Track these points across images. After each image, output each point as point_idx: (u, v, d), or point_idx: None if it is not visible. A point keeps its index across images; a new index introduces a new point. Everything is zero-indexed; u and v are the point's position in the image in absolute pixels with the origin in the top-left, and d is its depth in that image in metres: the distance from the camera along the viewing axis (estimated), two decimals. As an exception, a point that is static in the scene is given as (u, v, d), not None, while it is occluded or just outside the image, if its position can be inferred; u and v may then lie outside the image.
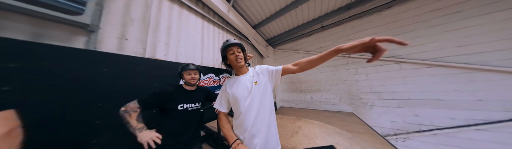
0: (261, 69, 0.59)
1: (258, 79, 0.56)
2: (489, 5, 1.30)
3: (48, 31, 0.68)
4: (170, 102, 0.69)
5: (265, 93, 0.54)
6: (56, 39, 0.70)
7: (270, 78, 0.56)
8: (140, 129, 0.59)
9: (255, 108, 0.52)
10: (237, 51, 0.54)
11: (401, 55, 1.72)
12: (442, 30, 1.50)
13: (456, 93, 1.39)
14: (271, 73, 0.56)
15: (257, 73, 0.58)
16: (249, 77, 0.57)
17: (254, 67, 0.61)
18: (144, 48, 1.12)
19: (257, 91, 0.53)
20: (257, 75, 0.57)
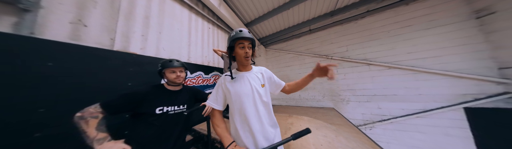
0: (267, 73, 0.58)
1: (265, 82, 0.55)
2: (430, 22, 1.71)
3: None
4: (145, 105, 0.57)
5: (268, 97, 0.53)
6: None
7: (270, 86, 0.57)
8: (101, 140, 0.45)
9: (258, 108, 0.50)
10: (248, 47, 0.49)
11: (370, 59, 2.06)
12: (399, 39, 1.88)
13: (406, 89, 1.79)
14: (273, 83, 0.59)
15: (262, 74, 0.57)
16: (254, 76, 0.55)
17: (260, 68, 0.60)
18: (111, 39, 0.92)
19: (263, 93, 0.52)
20: (263, 77, 0.56)
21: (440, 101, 1.59)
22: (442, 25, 1.64)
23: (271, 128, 0.51)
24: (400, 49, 1.86)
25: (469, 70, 1.50)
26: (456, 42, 1.56)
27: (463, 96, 1.50)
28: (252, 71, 0.56)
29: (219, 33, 2.26)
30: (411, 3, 1.82)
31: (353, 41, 2.23)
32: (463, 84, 1.50)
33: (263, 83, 0.54)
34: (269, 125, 0.51)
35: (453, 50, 1.56)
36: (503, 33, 1.33)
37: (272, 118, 0.53)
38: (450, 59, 1.57)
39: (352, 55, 2.22)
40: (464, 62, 1.51)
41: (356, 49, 2.18)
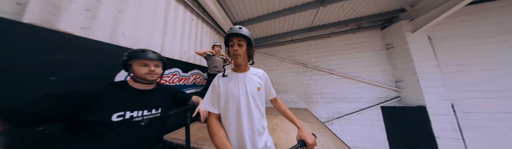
0: (265, 77, 0.55)
1: (261, 85, 0.51)
2: (364, 48, 2.53)
3: None
4: (94, 110, 0.38)
5: (262, 102, 0.50)
6: None
7: (264, 89, 0.55)
8: None
9: (251, 112, 0.46)
10: (238, 44, 0.43)
11: (333, 69, 2.67)
12: (349, 57, 2.60)
13: (352, 93, 2.45)
14: (266, 89, 0.56)
15: (260, 77, 0.52)
16: (250, 77, 0.50)
17: (258, 71, 0.55)
18: (18, 3, 0.55)
19: (258, 97, 0.48)
20: (260, 80, 0.52)
21: (370, 102, 2.32)
22: (370, 50, 2.48)
23: (263, 135, 0.47)
24: (349, 64, 2.57)
25: (382, 81, 2.32)
26: (375, 63, 2.41)
27: (380, 98, 2.28)
28: (248, 72, 0.51)
29: (204, 27, 2.03)
30: (357, 32, 2.62)
31: (322, 54, 2.80)
32: (380, 91, 2.30)
33: (259, 87, 0.49)
34: (260, 132, 0.47)
35: (374, 68, 2.40)
36: (396, 60, 2.21)
37: (263, 124, 0.49)
38: (374, 74, 2.38)
39: (321, 65, 2.76)
40: (380, 76, 2.35)
41: (324, 60, 2.76)
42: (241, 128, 0.44)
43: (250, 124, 0.45)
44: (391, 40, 2.24)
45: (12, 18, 0.51)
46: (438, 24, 1.85)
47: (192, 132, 1.07)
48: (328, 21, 2.54)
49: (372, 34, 2.49)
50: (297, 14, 2.23)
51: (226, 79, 0.50)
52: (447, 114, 1.75)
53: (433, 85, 1.82)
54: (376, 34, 2.46)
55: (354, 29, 2.59)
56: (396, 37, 2.13)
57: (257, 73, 0.52)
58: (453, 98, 1.79)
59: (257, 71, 0.54)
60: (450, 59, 1.85)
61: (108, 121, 0.39)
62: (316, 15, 2.26)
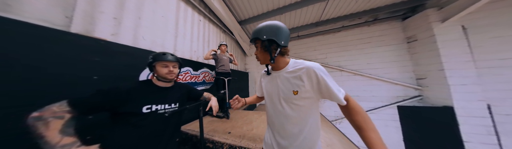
0: (313, 75, 0.36)
1: (299, 88, 0.38)
2: (380, 42, 2.29)
3: None
4: (129, 104, 0.47)
5: (300, 110, 0.39)
6: None
7: (318, 93, 0.38)
8: (67, 146, 0.34)
9: (281, 120, 0.42)
10: (256, 47, 0.43)
11: (343, 66, 2.52)
12: (362, 52, 2.40)
13: (364, 92, 2.30)
14: (319, 91, 0.37)
15: (299, 76, 0.38)
16: (284, 78, 0.42)
17: (301, 65, 0.39)
18: (67, 17, 0.68)
19: (295, 101, 0.39)
20: (300, 79, 0.38)
21: (384, 101, 2.15)
22: (387, 45, 2.24)
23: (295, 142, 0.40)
24: (362, 60, 2.38)
25: (400, 79, 2.11)
26: (393, 58, 2.18)
27: (396, 97, 2.10)
28: (282, 71, 0.42)
29: (211, 27, 2.11)
30: (372, 25, 2.38)
31: (331, 50, 2.65)
32: (396, 89, 2.11)
33: (296, 90, 0.38)
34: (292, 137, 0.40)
35: (391, 64, 2.17)
36: (419, 55, 1.97)
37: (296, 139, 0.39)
38: (391, 70, 2.17)
39: (330, 61, 2.62)
40: (397, 73, 2.13)
41: (333, 57, 2.61)
42: (271, 130, 0.46)
43: (280, 132, 0.43)
44: (414, 32, 1.98)
45: (63, 29, 0.65)
46: (476, 11, 1.54)
47: (204, 125, 1.19)
48: (338, 14, 2.34)
49: (390, 26, 2.24)
50: (304, 8, 2.11)
51: (267, 79, 0.48)
52: (481, 116, 1.53)
53: (464, 83, 1.58)
54: (395, 26, 2.20)
55: (369, 22, 2.36)
56: (421, 29, 1.87)
57: (297, 71, 0.39)
58: (490, 98, 1.53)
59: (299, 67, 0.39)
60: (489, 53, 1.56)
61: (139, 112, 0.48)
62: (325, 8, 2.12)
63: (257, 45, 0.42)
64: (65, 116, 0.37)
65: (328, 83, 0.36)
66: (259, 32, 0.40)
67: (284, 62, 0.43)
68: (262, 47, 0.41)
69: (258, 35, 0.40)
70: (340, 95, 0.35)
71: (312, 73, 0.37)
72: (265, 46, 0.40)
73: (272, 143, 0.44)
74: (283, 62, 0.43)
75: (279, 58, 0.43)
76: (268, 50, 0.40)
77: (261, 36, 0.39)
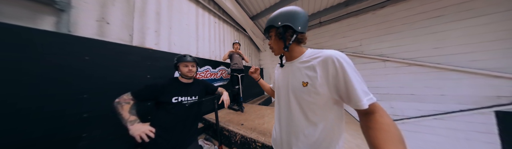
0: (330, 66, 0.29)
1: (311, 80, 0.32)
2: (465, 12, 1.45)
3: (2, 7, 0.54)
4: (163, 95, 0.65)
5: (313, 104, 0.33)
6: (15, 18, 0.57)
7: (333, 89, 0.30)
8: (132, 121, 0.55)
9: (292, 114, 0.37)
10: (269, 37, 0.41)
11: (387, 54, 1.88)
12: (425, 33, 1.65)
13: (425, 89, 1.63)
14: (335, 88, 0.29)
15: (313, 67, 0.32)
16: (296, 67, 0.36)
17: (317, 54, 0.33)
18: (130, 35, 0.99)
19: (303, 95, 0.33)
20: (313, 70, 0.32)
21: (466, 103, 1.43)
22: (481, 15, 1.38)
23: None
24: (424, 44, 1.65)
25: (507, 68, 1.28)
26: (495, 35, 1.31)
27: (496, 98, 1.32)
28: (296, 61, 0.37)
29: (225, 27, 2.25)
30: (447, -12, 1.54)
31: (368, 34, 2.03)
32: (498, 85, 1.31)
33: (307, 81, 0.32)
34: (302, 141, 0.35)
35: (491, 45, 1.33)
36: None
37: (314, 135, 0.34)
38: (486, 56, 1.35)
39: (366, 50, 2.04)
40: (504, 59, 1.29)
41: (371, 43, 2.00)
42: (279, 126, 0.41)
43: (288, 128, 0.38)
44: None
45: (128, 43, 0.96)
46: None
47: (221, 116, 1.41)
48: (380, -17, 1.72)
49: (491, -18, 1.35)
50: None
51: (279, 70, 0.46)
52: None
53: None
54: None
55: (442, -17, 1.53)
56: None
57: (311, 61, 0.33)
58: None
59: (315, 55, 0.33)
60: None
61: (170, 101, 0.65)
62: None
63: (271, 34, 0.39)
64: (130, 102, 0.58)
65: (350, 76, 0.27)
66: (274, 19, 0.37)
67: (299, 51, 0.38)
68: (277, 34, 0.37)
69: (272, 22, 0.37)
70: (361, 95, 0.26)
71: (330, 63, 0.29)
72: (279, 33, 0.36)
73: (280, 140, 0.41)
74: (298, 51, 0.38)
75: (294, 46, 0.38)
76: (282, 38, 0.36)
77: (275, 23, 0.36)
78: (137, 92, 0.61)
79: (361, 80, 0.28)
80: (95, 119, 0.68)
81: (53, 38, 0.60)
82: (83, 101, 0.66)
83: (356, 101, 0.26)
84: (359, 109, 0.28)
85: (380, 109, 0.27)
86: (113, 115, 0.55)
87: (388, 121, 0.25)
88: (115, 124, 0.59)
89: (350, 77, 0.27)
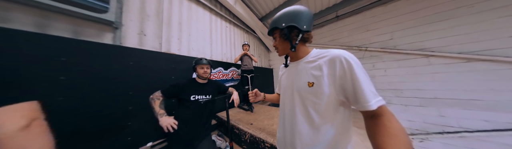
0: (337, 65, 0.28)
1: (317, 80, 0.31)
2: None
3: (82, 29, 0.78)
4: (184, 93, 0.77)
5: (320, 105, 0.31)
6: (89, 36, 0.81)
7: (340, 89, 0.29)
8: (161, 114, 0.69)
9: (295, 117, 0.35)
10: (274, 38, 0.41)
11: (432, 48, 1.48)
12: (493, 17, 1.21)
13: (496, 93, 1.19)
14: (341, 88, 0.28)
15: (319, 66, 0.31)
16: (302, 67, 0.36)
17: (324, 54, 0.32)
18: (160, 43, 1.21)
19: (308, 96, 0.32)
20: (319, 69, 0.31)
21: None
22: None
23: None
24: (493, 32, 1.21)
25: None
26: None
27: None
28: (301, 61, 0.37)
29: (235, 30, 2.37)
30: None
31: (402, 25, 1.66)
32: None
33: (312, 81, 0.32)
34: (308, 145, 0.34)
35: None
36: None
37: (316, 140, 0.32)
38: None
39: (399, 44, 1.68)
40: None
41: (407, 35, 1.62)
42: (283, 126, 0.40)
43: (292, 129, 0.36)
44: None
45: (158, 50, 1.18)
46: None
47: (232, 114, 1.49)
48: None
49: None
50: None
51: (283, 71, 0.46)
52: None
53: None
54: None
55: None
56: None
57: (317, 60, 0.32)
58: None
59: (321, 55, 0.32)
60: None
61: (189, 99, 0.77)
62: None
63: (275, 36, 0.39)
64: (160, 98, 0.72)
65: (358, 76, 0.26)
66: (277, 21, 0.37)
67: (305, 51, 0.38)
68: (282, 36, 0.37)
69: (276, 24, 0.37)
70: (370, 96, 0.25)
71: (337, 62, 0.28)
72: (284, 34, 0.36)
73: (284, 140, 0.40)
74: (303, 51, 0.38)
75: (300, 46, 0.38)
76: (288, 38, 0.36)
77: (279, 25, 0.36)
78: (165, 90, 0.75)
79: (369, 81, 0.27)
80: (137, 111, 0.87)
81: (112, 49, 0.82)
82: (129, 96, 0.86)
83: (363, 102, 0.26)
84: (365, 112, 0.27)
85: (388, 112, 0.26)
86: (148, 108, 0.71)
87: (396, 126, 0.23)
88: (150, 115, 0.74)
89: (358, 78, 0.26)
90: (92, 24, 0.82)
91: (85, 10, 0.72)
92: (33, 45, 0.57)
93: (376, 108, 0.25)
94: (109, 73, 0.79)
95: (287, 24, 0.35)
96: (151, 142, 0.91)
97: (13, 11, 0.60)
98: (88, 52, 0.72)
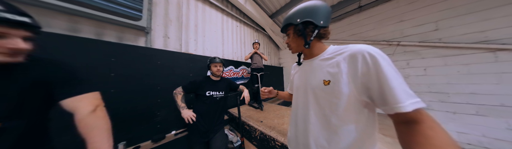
0: (355, 58, 0.26)
1: (333, 77, 0.28)
2: None
3: (124, 34, 0.97)
4: (200, 89, 0.86)
5: (335, 105, 0.28)
6: (129, 40, 1.00)
7: (361, 88, 0.25)
8: (183, 107, 0.80)
9: (310, 119, 0.33)
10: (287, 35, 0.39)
11: (501, 40, 1.11)
12: None
13: None
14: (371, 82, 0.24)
15: (337, 63, 0.28)
16: (317, 65, 0.33)
17: (343, 50, 0.29)
18: (180, 45, 1.36)
19: (323, 95, 0.30)
20: (336, 66, 0.28)
21: None
22: None
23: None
24: None
25: None
26: None
27: None
28: (316, 58, 0.35)
29: (246, 29, 2.41)
30: None
31: (452, 11, 1.29)
32: None
33: (328, 79, 0.29)
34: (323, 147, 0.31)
35: None
36: None
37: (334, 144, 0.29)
38: None
39: (448, 36, 1.33)
40: None
41: (460, 25, 1.26)
42: (295, 127, 0.38)
43: (306, 130, 0.34)
44: None
45: (179, 51, 1.33)
46: None
47: (242, 111, 1.56)
48: None
49: None
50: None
51: (296, 69, 0.44)
52: None
53: None
54: None
55: None
56: None
57: (335, 57, 0.30)
58: None
59: (339, 51, 0.30)
60: None
61: (205, 94, 0.85)
62: None
63: (288, 32, 0.37)
64: (182, 93, 0.83)
65: (386, 73, 0.22)
66: (292, 17, 0.35)
67: (320, 48, 0.35)
68: (295, 32, 0.35)
69: (290, 20, 0.35)
70: (402, 96, 0.20)
71: (359, 58, 0.25)
72: (299, 30, 0.34)
73: (296, 141, 0.38)
74: (319, 47, 0.35)
75: (315, 42, 0.35)
76: (302, 34, 0.34)
77: (294, 20, 0.34)
78: (185, 86, 0.85)
79: (401, 79, 0.22)
80: (164, 103, 1.03)
81: (145, 51, 0.98)
82: (158, 91, 1.02)
83: (393, 103, 0.21)
84: (396, 116, 0.22)
85: (429, 118, 0.20)
86: (173, 101, 0.84)
87: (442, 136, 0.18)
88: (174, 107, 0.88)
89: (386, 74, 0.22)
90: (131, 30, 1.00)
91: (126, 19, 0.89)
92: (94, 49, 0.75)
93: (412, 112, 0.20)
94: (143, 70, 0.95)
95: (303, 19, 0.33)
96: (174, 131, 1.07)
97: (81, 24, 0.80)
98: (129, 54, 0.89)
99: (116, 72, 0.82)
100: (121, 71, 0.84)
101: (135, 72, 0.91)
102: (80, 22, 0.79)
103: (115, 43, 0.85)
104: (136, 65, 0.92)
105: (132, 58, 0.90)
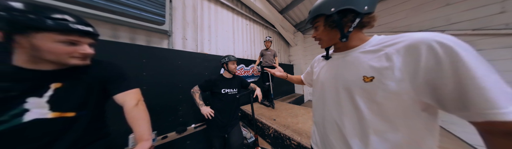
0: (418, 49, 0.20)
1: (380, 73, 0.23)
2: None
3: (151, 38, 1.09)
4: (216, 87, 0.91)
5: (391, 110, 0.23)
6: (155, 43, 1.12)
7: (425, 88, 0.20)
8: (201, 105, 0.86)
9: (343, 121, 0.28)
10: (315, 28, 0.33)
11: None
12: None
13: None
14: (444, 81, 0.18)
15: (387, 55, 0.23)
16: (356, 58, 0.28)
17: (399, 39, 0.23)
18: (196, 45, 1.46)
19: (364, 95, 0.25)
20: (385, 60, 0.23)
21: None
22: None
23: None
24: None
25: None
26: None
27: None
28: (355, 50, 0.29)
29: (255, 27, 2.39)
30: None
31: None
32: None
33: (371, 75, 0.24)
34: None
35: None
36: None
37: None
38: None
39: (515, 21, 1.03)
40: None
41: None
42: (322, 130, 0.33)
43: (338, 134, 0.29)
44: None
45: (196, 51, 1.43)
46: None
47: (254, 109, 1.60)
48: None
49: None
50: None
51: (322, 63, 0.37)
52: None
53: None
54: None
55: None
56: None
57: (383, 49, 0.24)
58: None
59: (390, 42, 0.24)
60: None
61: (220, 92, 0.90)
62: None
63: (317, 25, 0.31)
64: (199, 91, 0.90)
65: (470, 67, 0.16)
66: (323, 6, 0.29)
67: (360, 39, 0.29)
68: (328, 24, 0.29)
69: (321, 10, 0.29)
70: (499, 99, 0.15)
71: (423, 49, 0.19)
72: (333, 21, 0.28)
73: (324, 146, 0.34)
74: (358, 39, 0.29)
75: (355, 32, 0.29)
76: (338, 26, 0.28)
77: (326, 10, 0.28)
78: (201, 85, 0.92)
79: (495, 76, 0.16)
80: (185, 99, 1.15)
81: (168, 52, 1.10)
82: (179, 88, 1.13)
83: (485, 107, 0.15)
84: (486, 124, 0.17)
85: None
86: (191, 98, 0.92)
87: None
88: (192, 103, 0.98)
89: (470, 69, 0.16)
90: (156, 34, 1.12)
91: (152, 24, 1.00)
92: (130, 52, 0.89)
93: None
94: (167, 70, 1.07)
95: (339, 8, 0.26)
96: (194, 124, 1.18)
97: (119, 30, 0.94)
98: (156, 55, 1.01)
99: (147, 72, 0.95)
100: (151, 70, 0.97)
101: (161, 72, 1.02)
102: (118, 29, 0.93)
103: (145, 46, 0.97)
104: (161, 65, 1.04)
105: (159, 59, 1.02)
